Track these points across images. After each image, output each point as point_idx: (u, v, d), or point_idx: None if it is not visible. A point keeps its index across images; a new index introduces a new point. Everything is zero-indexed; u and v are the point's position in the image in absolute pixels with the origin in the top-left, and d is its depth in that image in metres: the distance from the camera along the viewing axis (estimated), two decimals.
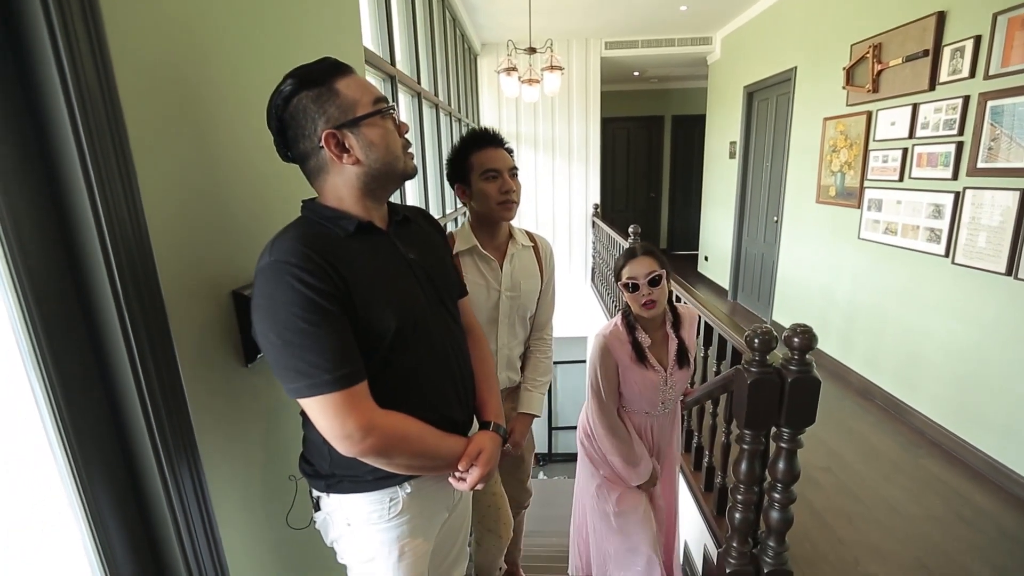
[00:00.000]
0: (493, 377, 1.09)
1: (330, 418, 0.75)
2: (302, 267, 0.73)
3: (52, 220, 0.63)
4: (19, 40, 0.59)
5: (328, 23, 1.46)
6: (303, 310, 0.72)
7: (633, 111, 8.12)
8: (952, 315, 2.62)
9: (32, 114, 0.61)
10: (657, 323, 1.59)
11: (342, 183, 0.83)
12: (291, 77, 0.80)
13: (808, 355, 1.29)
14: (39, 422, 0.65)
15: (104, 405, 0.70)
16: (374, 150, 0.82)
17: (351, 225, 0.83)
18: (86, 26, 0.61)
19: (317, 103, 0.78)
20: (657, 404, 1.62)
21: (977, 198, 2.43)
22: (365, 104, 0.81)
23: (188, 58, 0.83)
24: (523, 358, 1.64)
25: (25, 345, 0.62)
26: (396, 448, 0.81)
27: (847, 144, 3.45)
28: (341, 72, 0.81)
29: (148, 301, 0.71)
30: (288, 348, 0.73)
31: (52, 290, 0.63)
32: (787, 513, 1.41)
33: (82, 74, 0.61)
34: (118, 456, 0.72)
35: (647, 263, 1.50)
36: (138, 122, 0.70)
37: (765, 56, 4.68)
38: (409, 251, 0.91)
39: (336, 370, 0.73)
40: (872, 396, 3.21)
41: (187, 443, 0.77)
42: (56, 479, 0.67)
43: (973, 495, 2.27)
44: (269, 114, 0.82)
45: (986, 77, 2.35)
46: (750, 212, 5.20)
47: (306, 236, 0.78)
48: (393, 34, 2.70)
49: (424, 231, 1.02)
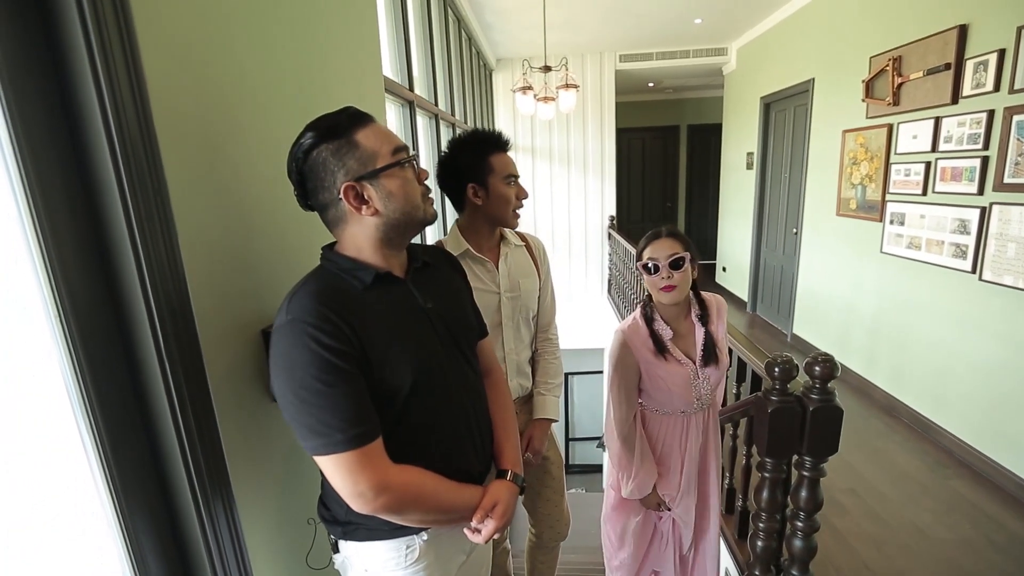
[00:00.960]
0: (512, 422, 1.07)
1: (343, 477, 0.76)
2: (319, 327, 0.74)
3: (96, 264, 0.67)
4: (68, 90, 0.63)
5: (350, 58, 1.51)
6: (319, 371, 0.73)
7: (648, 121, 8.11)
8: (981, 332, 2.56)
9: (80, 167, 0.65)
10: (680, 313, 1.47)
11: (361, 233, 0.84)
12: (311, 129, 0.81)
13: (830, 384, 1.27)
14: (86, 465, 0.68)
15: (145, 444, 0.73)
16: (393, 200, 0.82)
17: (368, 276, 0.83)
18: (129, 78, 0.65)
19: (337, 155, 0.79)
20: (692, 400, 1.48)
21: (1004, 214, 2.38)
22: (384, 155, 0.81)
23: (216, 102, 0.87)
24: (532, 363, 1.61)
25: (73, 388, 0.66)
26: (410, 505, 0.81)
27: (867, 157, 3.40)
28: (361, 123, 0.82)
29: (185, 341, 0.74)
30: (304, 407, 0.74)
31: (98, 332, 0.67)
32: (810, 542, 1.39)
33: (125, 124, 0.65)
34: (158, 491, 0.75)
35: (670, 244, 1.40)
36: (174, 167, 0.74)
37: (782, 67, 4.66)
38: (427, 300, 0.90)
39: (349, 430, 0.74)
40: (898, 413, 3.14)
41: (221, 479, 0.80)
42: (101, 518, 0.70)
43: (1005, 519, 2.20)
44: (289, 166, 0.84)
45: (1011, 91, 2.31)
46: (768, 223, 5.14)
47: (322, 292, 0.79)
48: (411, 59, 2.76)
49: (443, 275, 1.02)
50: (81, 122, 0.64)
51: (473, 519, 0.89)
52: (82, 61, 0.62)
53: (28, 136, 0.59)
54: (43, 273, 0.61)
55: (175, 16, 0.78)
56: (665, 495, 1.55)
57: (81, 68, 0.62)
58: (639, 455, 1.51)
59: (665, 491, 1.55)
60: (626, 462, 1.51)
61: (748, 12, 4.68)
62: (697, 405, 1.49)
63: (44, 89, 0.61)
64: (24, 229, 0.60)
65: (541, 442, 1.55)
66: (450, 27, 3.87)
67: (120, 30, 0.64)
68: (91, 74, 0.62)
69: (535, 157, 6.21)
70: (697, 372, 1.45)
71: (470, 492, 0.90)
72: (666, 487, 1.54)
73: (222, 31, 0.89)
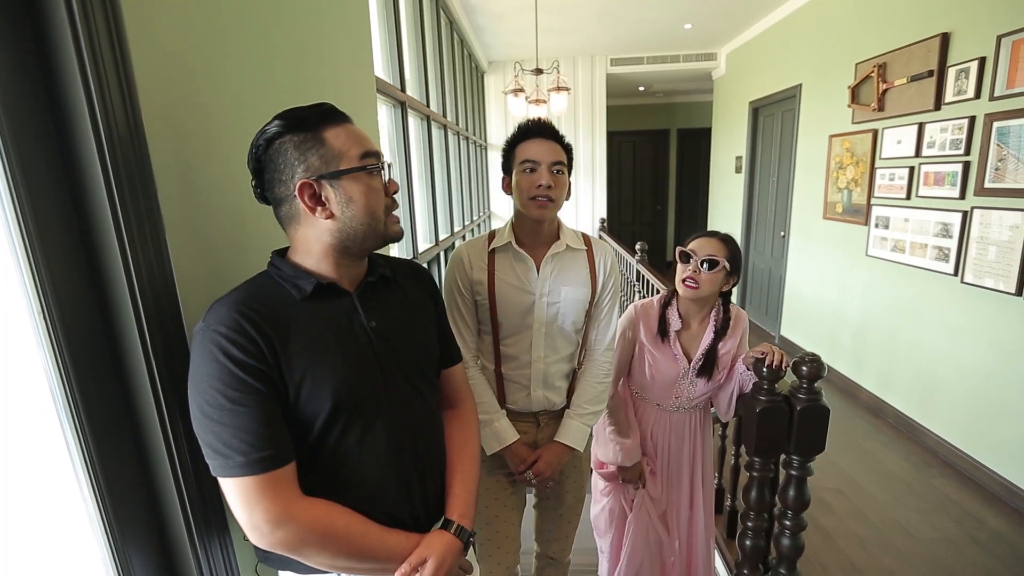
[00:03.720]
0: (471, 463, 0.94)
1: (240, 504, 0.68)
2: (229, 337, 0.68)
3: (84, 265, 0.66)
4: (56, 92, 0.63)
5: (342, 58, 1.51)
6: (224, 385, 0.67)
7: (639, 125, 8.18)
8: (963, 334, 2.61)
9: (67, 167, 0.65)
10: (698, 313, 1.46)
11: (313, 236, 0.78)
12: (279, 118, 0.76)
13: (817, 384, 1.29)
14: (71, 472, 0.67)
15: (132, 448, 0.72)
16: (351, 207, 0.76)
17: (309, 286, 0.76)
18: (118, 79, 0.65)
19: (299, 149, 0.74)
20: (670, 397, 1.48)
21: (985, 218, 2.43)
22: (351, 157, 0.75)
23: (207, 103, 0.86)
24: (570, 379, 1.42)
25: (58, 390, 0.65)
26: (314, 545, 0.71)
27: (853, 161, 3.46)
28: (334, 120, 0.77)
29: (173, 343, 0.73)
30: (206, 423, 0.67)
31: (84, 334, 0.66)
32: (798, 540, 1.41)
33: (114, 125, 0.64)
34: (145, 497, 0.74)
35: (713, 245, 1.38)
36: (163, 168, 0.73)
37: (770, 73, 4.72)
38: (372, 318, 0.81)
39: (251, 453, 0.67)
40: (884, 414, 3.19)
41: (210, 483, 0.79)
42: (86, 525, 0.69)
43: (987, 518, 2.24)
44: (249, 152, 0.78)
45: (991, 98, 2.37)
46: (757, 226, 5.20)
47: (246, 300, 0.72)
48: (403, 61, 2.76)
49: (403, 293, 0.91)
50: (69, 122, 0.63)
51: (396, 572, 0.77)
52: (71, 63, 0.61)
53: (16, 137, 0.59)
54: (28, 274, 0.61)
55: (166, 18, 0.77)
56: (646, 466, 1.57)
57: (70, 70, 0.62)
58: (628, 421, 1.54)
59: (646, 459, 1.57)
60: (609, 424, 1.53)
61: (737, 18, 4.74)
62: (675, 404, 1.51)
63: (33, 91, 0.61)
64: (9, 229, 0.59)
65: (549, 467, 1.36)
66: (442, 29, 3.87)
67: (110, 32, 0.64)
68: (80, 75, 0.62)
69: None
70: (687, 374, 1.46)
71: (395, 539, 0.79)
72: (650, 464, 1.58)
73: (213, 28, 0.89)
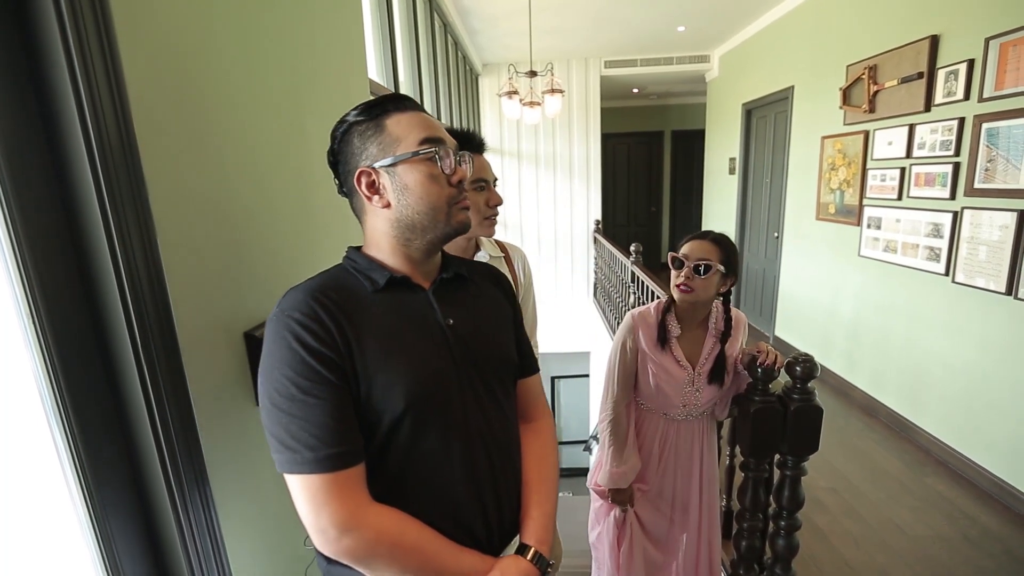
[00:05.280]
0: (549, 483, 0.86)
1: (307, 504, 0.64)
2: (304, 324, 0.66)
3: (72, 263, 0.66)
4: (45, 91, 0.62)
5: (336, 60, 1.51)
6: (296, 373, 0.65)
7: (633, 127, 8.20)
8: (954, 333, 2.63)
9: (56, 166, 0.64)
10: (695, 318, 1.44)
11: (378, 228, 0.76)
12: (355, 108, 0.76)
13: (810, 384, 1.30)
14: (56, 460, 0.67)
15: (120, 445, 0.72)
16: (407, 195, 0.73)
17: (382, 278, 0.74)
18: (108, 80, 0.64)
19: (362, 137, 0.74)
20: (677, 405, 1.45)
21: (975, 218, 2.45)
22: (408, 143, 0.73)
23: (200, 105, 0.86)
24: None
25: (45, 386, 0.64)
26: (383, 557, 0.66)
27: (845, 162, 3.48)
28: (399, 107, 0.75)
29: (164, 341, 0.73)
30: (275, 414, 0.65)
31: (71, 330, 0.66)
32: (792, 540, 1.41)
33: (103, 125, 0.64)
34: (134, 495, 0.74)
35: (705, 248, 1.35)
36: (154, 168, 0.73)
37: (763, 74, 4.75)
38: (448, 315, 0.77)
39: (321, 448, 0.64)
40: (877, 414, 3.21)
41: (200, 480, 0.79)
42: (73, 520, 0.69)
43: (979, 515, 2.26)
44: (329, 147, 0.79)
45: (980, 100, 2.39)
46: (751, 227, 5.23)
47: (323, 287, 0.71)
48: (397, 63, 2.76)
49: (481, 294, 0.87)
50: (58, 120, 0.63)
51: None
52: (60, 64, 0.61)
53: (5, 143, 0.58)
54: (16, 273, 0.60)
55: (157, 21, 0.77)
56: (638, 489, 1.55)
57: (59, 72, 0.61)
58: (627, 444, 1.49)
59: (639, 484, 1.54)
60: (609, 445, 1.49)
61: (729, 21, 4.77)
62: (682, 413, 1.47)
63: (21, 92, 0.61)
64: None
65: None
66: (436, 31, 3.87)
67: (99, 33, 0.64)
68: (69, 76, 0.62)
69: (521, 161, 6.24)
70: (693, 380, 1.42)
71: (470, 560, 0.72)
72: (641, 483, 1.55)
73: (206, 33, 0.88)
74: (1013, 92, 2.23)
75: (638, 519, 1.56)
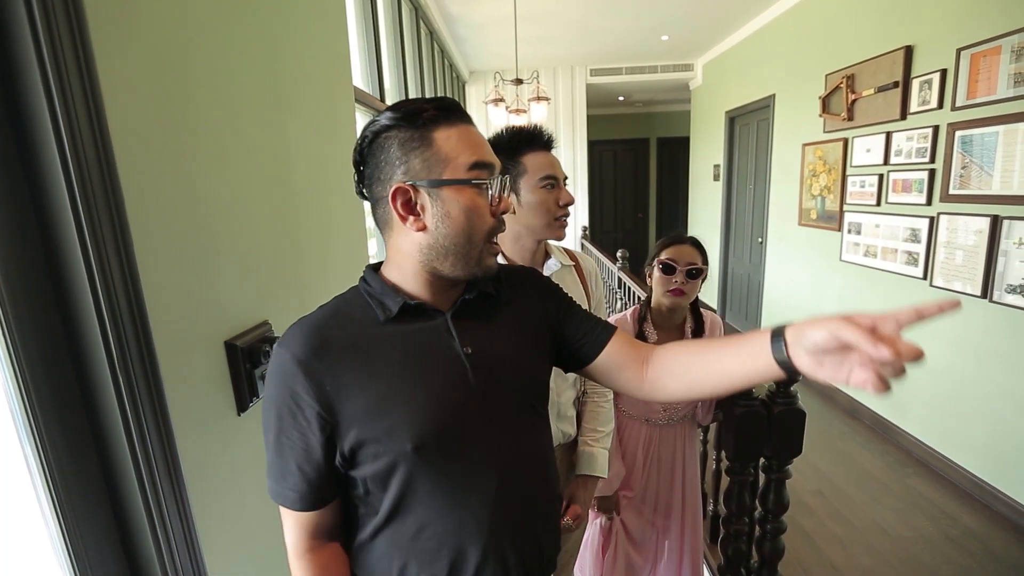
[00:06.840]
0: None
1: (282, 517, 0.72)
2: (293, 369, 0.65)
3: (42, 267, 0.64)
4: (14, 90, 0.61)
5: (321, 68, 1.50)
6: (277, 414, 0.67)
7: (619, 134, 8.29)
8: (933, 336, 2.68)
9: (25, 166, 0.63)
10: (673, 323, 1.48)
11: (405, 248, 0.69)
12: (392, 109, 0.67)
13: (793, 388, 1.32)
14: (27, 474, 0.65)
15: (94, 457, 0.70)
16: (447, 223, 0.65)
17: (395, 306, 0.68)
18: (81, 80, 0.63)
19: (404, 147, 0.65)
20: (658, 409, 1.48)
21: (951, 223, 2.51)
22: (458, 166, 0.65)
23: (179, 108, 0.85)
24: (578, 406, 1.35)
25: (15, 398, 0.62)
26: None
27: (826, 169, 3.55)
28: (450, 119, 0.66)
29: (140, 350, 0.71)
30: (266, 437, 0.70)
31: (42, 339, 0.64)
32: (778, 543, 1.42)
33: (76, 127, 0.63)
34: (104, 497, 0.72)
35: (691, 253, 1.42)
36: (130, 173, 0.71)
37: (745, 83, 4.84)
38: (467, 343, 0.70)
39: (283, 485, 0.69)
40: (859, 416, 3.25)
41: (178, 490, 0.77)
42: (44, 536, 0.67)
43: (961, 515, 2.30)
44: (355, 144, 0.71)
45: (953, 108, 2.46)
46: (735, 233, 5.30)
47: (326, 323, 0.68)
48: (383, 70, 2.76)
49: (508, 309, 0.77)
50: (30, 124, 0.61)
51: None
52: (32, 70, 0.60)
53: None
54: None
55: (135, 27, 0.76)
56: (623, 496, 1.55)
57: (31, 77, 0.60)
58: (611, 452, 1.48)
59: (623, 491, 1.55)
60: None
61: (712, 30, 4.86)
62: (664, 417, 1.50)
63: None
64: None
65: (586, 504, 1.29)
66: (422, 39, 3.89)
67: (74, 38, 0.62)
68: (41, 81, 0.60)
69: None
70: None
71: None
72: (626, 490, 1.55)
73: (184, 39, 0.88)
74: (984, 101, 2.29)
75: (623, 526, 1.56)
